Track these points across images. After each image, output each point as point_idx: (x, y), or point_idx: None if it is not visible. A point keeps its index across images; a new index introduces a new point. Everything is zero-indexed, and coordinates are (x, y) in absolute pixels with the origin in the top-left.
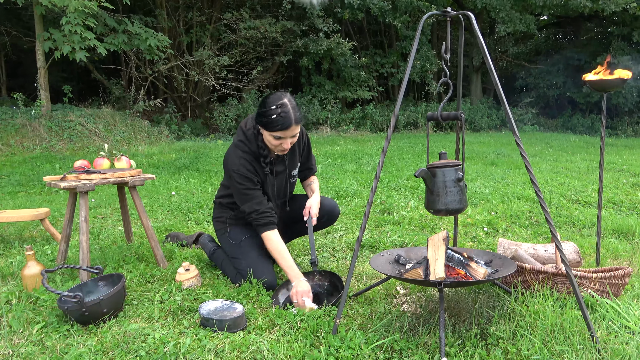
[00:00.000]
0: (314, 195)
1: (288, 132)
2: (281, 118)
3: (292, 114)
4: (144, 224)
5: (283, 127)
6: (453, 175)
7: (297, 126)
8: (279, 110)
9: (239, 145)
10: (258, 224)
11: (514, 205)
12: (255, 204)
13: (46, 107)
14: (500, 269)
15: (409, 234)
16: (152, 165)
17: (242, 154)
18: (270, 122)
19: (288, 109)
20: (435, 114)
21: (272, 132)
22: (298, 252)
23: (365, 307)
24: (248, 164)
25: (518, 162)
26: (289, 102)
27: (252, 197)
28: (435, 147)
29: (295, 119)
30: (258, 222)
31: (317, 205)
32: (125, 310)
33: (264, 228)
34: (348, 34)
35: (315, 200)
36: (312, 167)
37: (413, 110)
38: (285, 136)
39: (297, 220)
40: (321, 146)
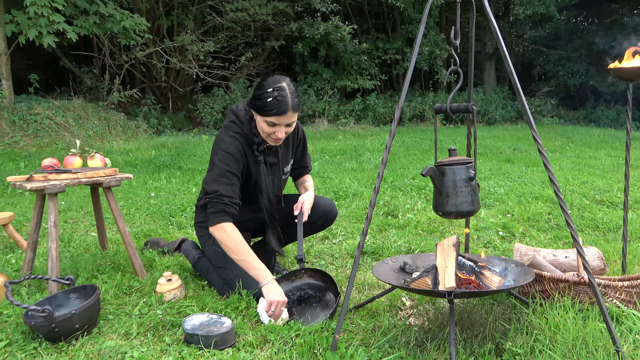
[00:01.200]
0: (307, 192)
1: (283, 119)
2: (277, 102)
3: (290, 99)
4: (121, 229)
5: (278, 112)
6: (464, 174)
7: (294, 114)
8: (275, 94)
9: (230, 126)
10: (224, 210)
11: (531, 207)
12: (230, 189)
13: (8, 98)
14: (517, 278)
15: (416, 239)
16: (128, 163)
17: (233, 134)
18: (264, 105)
19: (286, 93)
20: (444, 106)
21: (266, 117)
22: (292, 260)
23: (368, 321)
24: (239, 144)
25: (536, 159)
26: (287, 87)
27: (232, 182)
28: (445, 142)
29: (292, 105)
30: (226, 208)
31: (310, 201)
32: (99, 325)
33: (226, 217)
34: (347, 16)
35: (308, 196)
36: (307, 165)
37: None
38: (280, 123)
39: (291, 222)
40: (318, 141)
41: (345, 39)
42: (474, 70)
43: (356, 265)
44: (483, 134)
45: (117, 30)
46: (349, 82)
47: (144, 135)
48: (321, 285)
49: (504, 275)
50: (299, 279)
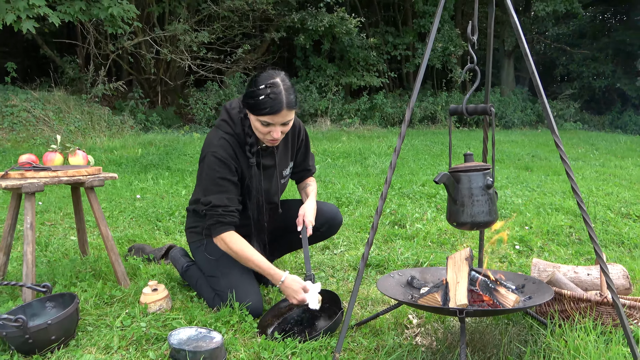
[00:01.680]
0: (308, 200)
1: (277, 118)
2: (270, 100)
3: (284, 97)
4: (103, 234)
5: (272, 111)
6: (481, 181)
7: (290, 112)
8: (268, 91)
9: (221, 126)
10: (220, 221)
11: (551, 219)
12: (225, 198)
13: None
14: (534, 296)
15: (425, 252)
16: (113, 162)
17: (223, 135)
18: (257, 103)
19: (279, 90)
20: (459, 107)
21: (259, 116)
22: (290, 271)
23: (371, 339)
24: (229, 147)
25: (557, 167)
26: (281, 82)
27: (225, 188)
28: (458, 146)
29: (287, 103)
30: (222, 219)
31: (312, 212)
32: (77, 337)
33: (226, 228)
34: (354, 7)
35: (310, 206)
36: (310, 168)
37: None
38: (275, 122)
39: (290, 230)
40: (319, 143)
41: (351, 32)
42: (491, 69)
43: (359, 278)
44: (500, 139)
45: (103, 17)
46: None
47: (130, 132)
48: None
49: (520, 293)
50: None
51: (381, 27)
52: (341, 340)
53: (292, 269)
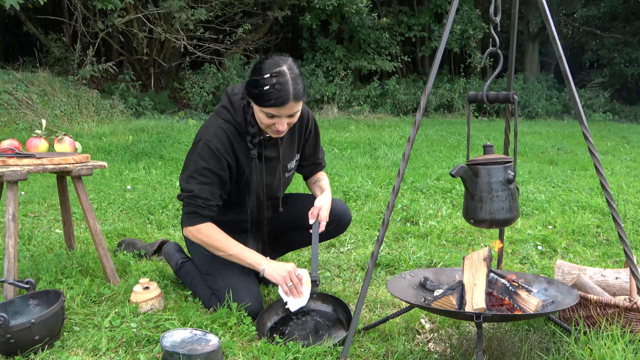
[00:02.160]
0: (324, 194)
1: (284, 110)
2: (275, 91)
3: (291, 87)
4: (91, 227)
5: (277, 103)
6: (502, 175)
7: (297, 103)
8: (273, 81)
9: (221, 113)
10: (197, 212)
11: (577, 218)
12: (208, 190)
13: None
14: (558, 300)
15: (439, 251)
16: (101, 149)
17: (222, 123)
18: (261, 94)
19: (286, 80)
20: (479, 94)
21: (263, 107)
22: None
23: (379, 345)
24: (226, 138)
25: (584, 161)
26: (288, 71)
27: (210, 181)
28: (477, 137)
29: (294, 94)
30: (200, 211)
31: (328, 207)
32: (63, 338)
33: (201, 219)
34: None
35: (325, 200)
36: (321, 161)
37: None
38: (280, 115)
39: (292, 227)
40: (325, 132)
41: (361, 11)
42: (515, 54)
43: (368, 278)
44: (522, 130)
45: None
46: (365, 62)
47: (120, 117)
48: (332, 315)
49: (542, 297)
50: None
51: (394, 7)
52: (347, 345)
53: None
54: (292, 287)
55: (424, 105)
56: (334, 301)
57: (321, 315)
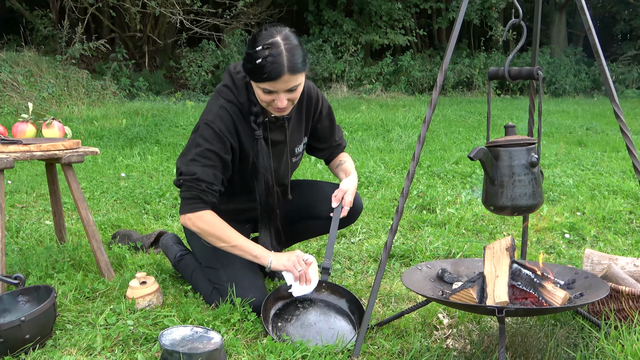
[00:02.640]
0: (350, 177)
1: (279, 84)
2: (268, 64)
3: (285, 58)
4: (83, 218)
5: (270, 77)
6: (524, 158)
7: (294, 76)
8: (266, 53)
9: (222, 91)
10: (200, 197)
11: (608, 203)
12: (210, 173)
13: None
14: (587, 293)
15: (458, 241)
16: (93, 134)
17: (224, 103)
18: (255, 69)
19: (280, 51)
20: (500, 70)
21: (258, 82)
22: None
23: (394, 342)
24: (229, 119)
25: (616, 142)
26: (283, 42)
27: (214, 164)
28: (499, 117)
29: (289, 66)
30: (203, 196)
31: (353, 191)
32: (55, 336)
33: (202, 205)
34: None
35: (352, 184)
36: (339, 142)
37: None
38: (277, 89)
39: (300, 218)
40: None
41: None
42: (540, 25)
43: (381, 271)
44: (549, 108)
45: None
46: (376, 36)
47: (112, 99)
48: (341, 308)
49: (570, 289)
50: (316, 291)
51: None
52: (359, 342)
53: None
54: (302, 272)
55: (441, 83)
56: (344, 292)
57: (329, 305)
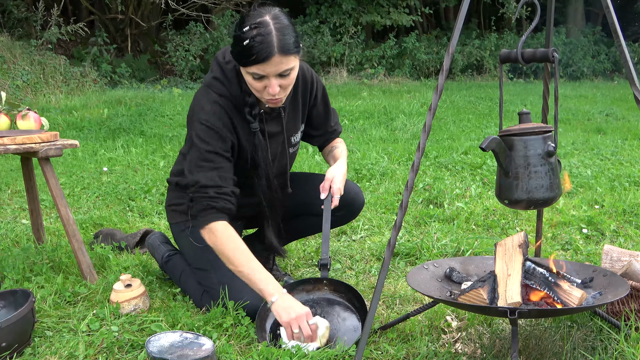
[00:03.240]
0: (337, 163)
1: (269, 67)
2: (256, 44)
3: (276, 38)
4: (62, 216)
5: (258, 59)
6: (540, 147)
7: (286, 58)
8: (254, 32)
9: (213, 85)
10: (212, 206)
11: (629, 196)
12: (217, 176)
13: None
14: (606, 292)
15: (467, 237)
16: (72, 125)
17: (216, 98)
18: (242, 51)
19: (269, 31)
20: (512, 53)
21: (247, 67)
22: (296, 262)
23: (399, 346)
24: (224, 114)
25: (638, 129)
26: (272, 21)
27: (217, 165)
28: (512, 103)
29: (280, 46)
30: (213, 203)
31: (342, 179)
32: (34, 344)
33: (215, 215)
34: None
35: (338, 171)
36: (335, 128)
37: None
38: (267, 73)
39: (298, 214)
40: (333, 99)
41: None
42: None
43: (385, 270)
44: (565, 93)
45: None
46: (378, 17)
47: (93, 87)
48: (345, 305)
49: (587, 288)
50: (317, 290)
51: None
52: (362, 347)
53: (299, 259)
54: (298, 335)
55: (448, 67)
56: (346, 290)
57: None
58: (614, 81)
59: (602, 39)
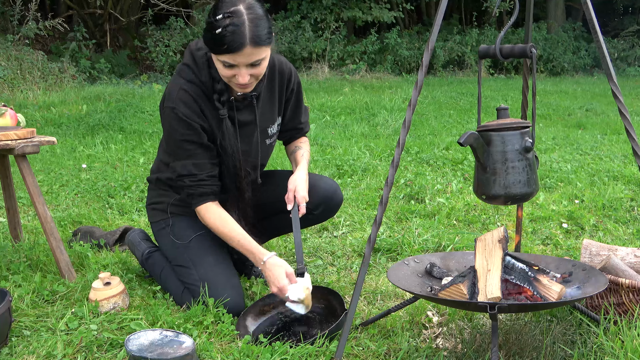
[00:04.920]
0: (298, 169)
1: (240, 57)
2: (228, 34)
3: (248, 28)
4: (40, 214)
5: (231, 49)
6: (518, 143)
7: (257, 49)
8: (226, 22)
9: (183, 71)
10: (191, 193)
11: (608, 190)
12: (192, 164)
13: None
14: (584, 286)
15: (448, 233)
16: (50, 122)
17: (184, 84)
18: (214, 39)
19: (241, 20)
20: (492, 48)
21: (218, 55)
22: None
23: (380, 342)
24: (191, 100)
25: (617, 124)
26: (245, 10)
27: (190, 153)
28: (493, 99)
29: (251, 37)
30: (192, 191)
31: (304, 187)
32: (11, 344)
33: (201, 199)
34: None
35: (300, 177)
36: (302, 126)
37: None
38: (238, 63)
39: (275, 211)
40: (315, 95)
41: None
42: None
43: (365, 266)
44: (546, 88)
45: None
46: (360, 12)
47: (71, 83)
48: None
49: (566, 283)
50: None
51: None
52: (342, 343)
53: (280, 255)
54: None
55: (427, 63)
56: (326, 293)
57: (312, 312)
58: (594, 76)
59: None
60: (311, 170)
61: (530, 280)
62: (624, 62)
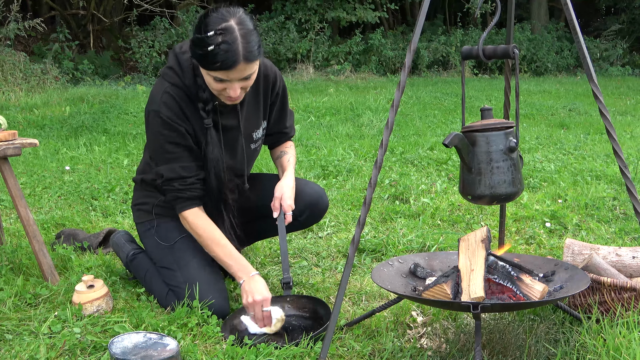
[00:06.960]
0: (285, 176)
1: (233, 74)
2: (222, 52)
3: (241, 46)
4: (22, 216)
5: (224, 66)
6: (502, 143)
7: (250, 64)
8: (219, 39)
9: (167, 75)
10: (178, 197)
11: (591, 190)
12: (179, 167)
13: None
14: (567, 285)
15: (433, 233)
16: (33, 124)
17: (168, 87)
18: (206, 56)
19: (234, 38)
20: (474, 49)
21: (210, 71)
22: (262, 259)
23: (365, 343)
24: (175, 104)
25: (600, 124)
26: (237, 27)
27: (176, 156)
28: (477, 99)
29: (245, 54)
30: (180, 194)
31: (291, 194)
32: None
33: (188, 204)
34: None
35: (287, 184)
36: (287, 130)
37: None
38: (230, 79)
39: (261, 215)
40: (300, 96)
41: None
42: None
43: (349, 267)
44: (529, 88)
45: None
46: (344, 13)
47: (54, 85)
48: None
49: (549, 282)
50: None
51: None
52: (327, 344)
53: (265, 256)
54: (254, 317)
55: (410, 64)
56: (311, 302)
57: (298, 318)
58: (577, 76)
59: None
60: (296, 171)
61: (513, 279)
62: (606, 62)
